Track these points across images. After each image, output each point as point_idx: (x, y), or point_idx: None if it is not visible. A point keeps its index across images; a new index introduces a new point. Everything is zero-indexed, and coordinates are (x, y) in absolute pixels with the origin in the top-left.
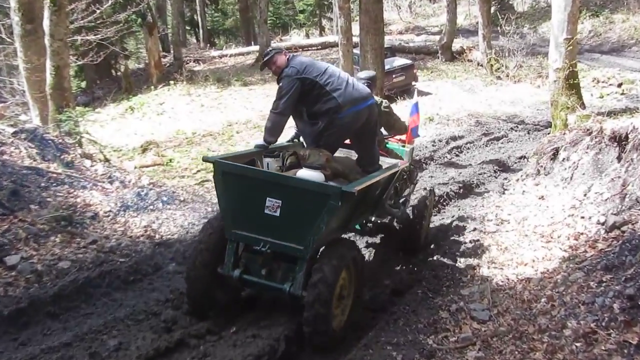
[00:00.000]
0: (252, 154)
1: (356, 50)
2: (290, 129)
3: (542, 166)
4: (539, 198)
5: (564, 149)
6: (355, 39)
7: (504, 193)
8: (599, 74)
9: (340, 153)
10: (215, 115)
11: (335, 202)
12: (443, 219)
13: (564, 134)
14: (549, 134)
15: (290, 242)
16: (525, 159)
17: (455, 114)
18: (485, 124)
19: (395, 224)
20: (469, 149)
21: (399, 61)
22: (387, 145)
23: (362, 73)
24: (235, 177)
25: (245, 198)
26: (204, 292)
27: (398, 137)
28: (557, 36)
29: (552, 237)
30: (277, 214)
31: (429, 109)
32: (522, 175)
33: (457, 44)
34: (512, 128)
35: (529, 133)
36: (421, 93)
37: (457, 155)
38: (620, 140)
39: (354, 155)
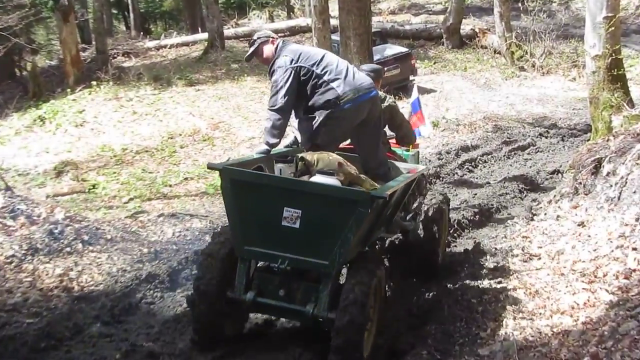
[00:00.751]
0: (258, 160)
1: (335, 37)
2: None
3: (581, 183)
4: (578, 225)
5: (608, 160)
6: (334, 22)
7: (532, 219)
8: None
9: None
10: (152, 125)
11: (365, 210)
12: (453, 255)
13: (608, 140)
14: (588, 140)
15: (313, 258)
16: (560, 175)
17: (467, 117)
18: (506, 130)
19: (407, 240)
20: (485, 162)
21: (392, 49)
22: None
23: (365, 66)
24: (246, 185)
25: (259, 209)
26: (214, 317)
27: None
28: (594, 14)
29: (595, 276)
30: (297, 225)
31: (432, 112)
32: (555, 196)
33: (467, 25)
34: (541, 134)
35: (562, 140)
36: (422, 90)
37: (470, 171)
38: None
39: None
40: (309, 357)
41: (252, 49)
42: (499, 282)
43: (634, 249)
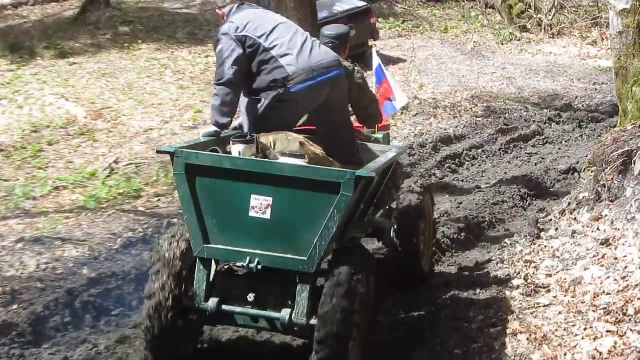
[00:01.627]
0: (210, 144)
1: None
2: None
3: (604, 186)
4: (602, 244)
5: None
6: None
7: (539, 237)
8: None
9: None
10: (9, 114)
11: (349, 193)
12: (431, 288)
13: None
14: (614, 127)
15: (288, 254)
16: (576, 174)
17: (449, 96)
18: (502, 113)
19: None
20: (474, 158)
21: (345, 4)
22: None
23: (328, 28)
24: (205, 170)
25: (222, 199)
26: (170, 334)
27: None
28: None
29: (625, 314)
30: (267, 216)
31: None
32: (570, 204)
33: None
34: (550, 119)
35: (580, 127)
36: (386, 61)
37: (453, 172)
38: None
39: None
40: None
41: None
42: (493, 325)
43: None
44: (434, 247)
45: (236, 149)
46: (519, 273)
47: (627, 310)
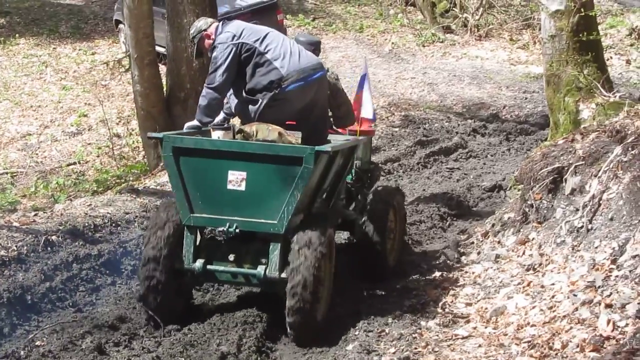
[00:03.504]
0: (193, 133)
1: None
2: None
3: (532, 206)
4: (527, 270)
5: (573, 170)
6: None
7: (459, 261)
8: None
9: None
10: None
11: (309, 165)
12: (338, 318)
13: (573, 140)
14: (544, 140)
15: (261, 218)
16: (502, 192)
17: None
18: (422, 123)
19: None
20: (390, 173)
21: None
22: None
23: (302, 35)
24: (189, 152)
25: (204, 175)
26: (165, 293)
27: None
28: None
29: (551, 348)
30: (243, 187)
31: None
32: (494, 225)
33: None
34: (475, 130)
35: (507, 139)
36: None
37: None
38: None
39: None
40: (264, 326)
41: (195, 50)
42: (406, 359)
43: (609, 305)
44: (402, 245)
45: (215, 135)
46: (435, 301)
47: (553, 343)
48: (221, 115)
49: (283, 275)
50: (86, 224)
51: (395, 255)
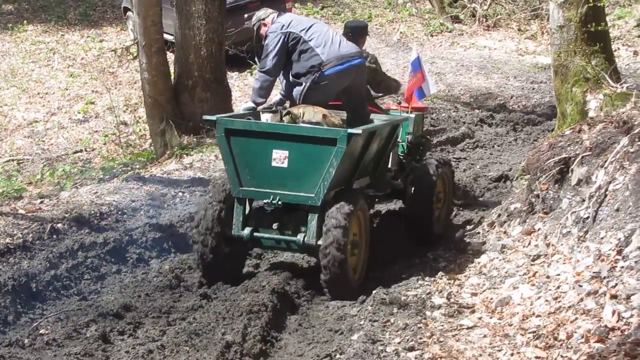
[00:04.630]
0: (245, 114)
1: None
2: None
3: (538, 196)
4: (533, 260)
5: (580, 161)
6: None
7: (464, 252)
8: None
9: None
10: None
11: (343, 145)
12: (343, 302)
13: (580, 131)
14: (551, 131)
15: (300, 192)
16: (508, 182)
17: None
18: (429, 113)
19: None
20: None
21: None
22: (381, 107)
23: (351, 21)
24: (239, 133)
25: (251, 153)
26: (217, 255)
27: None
28: None
29: (556, 339)
30: (285, 165)
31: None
32: (500, 216)
33: None
34: (482, 120)
35: (514, 130)
36: None
37: None
38: None
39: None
40: (269, 315)
41: (255, 36)
42: (410, 349)
43: (614, 296)
44: (451, 213)
45: (264, 117)
46: (441, 291)
47: (558, 334)
48: (278, 97)
49: (320, 242)
50: (92, 212)
51: (441, 223)
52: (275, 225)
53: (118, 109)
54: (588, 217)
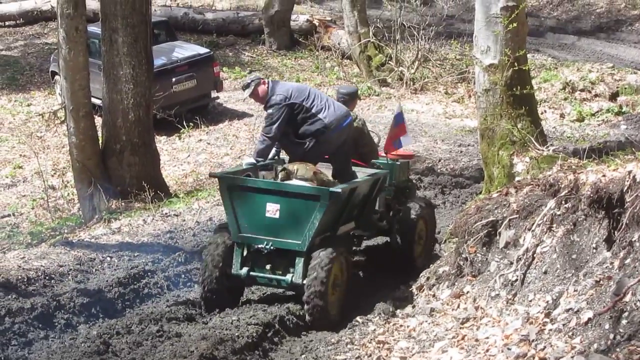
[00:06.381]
0: (247, 170)
1: (95, 28)
2: None
3: (466, 259)
4: (462, 323)
5: (507, 224)
6: (94, 5)
7: (394, 315)
8: (574, 75)
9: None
10: None
11: (325, 201)
12: None
13: (507, 194)
14: (479, 194)
15: (290, 239)
16: (437, 245)
17: None
18: None
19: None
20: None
21: (185, 50)
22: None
23: (343, 87)
24: (239, 188)
25: (249, 205)
26: (218, 289)
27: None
28: (488, 3)
29: None
30: (277, 216)
31: (238, 154)
32: (429, 279)
33: (301, 15)
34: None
35: (442, 193)
36: (231, 114)
37: None
38: (609, 205)
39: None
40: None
41: (248, 91)
42: None
43: (542, 359)
44: (433, 247)
45: (261, 174)
46: (370, 355)
47: None
48: (274, 150)
49: (305, 282)
50: (19, 277)
51: (422, 257)
52: (268, 267)
53: (46, 173)
54: (516, 280)
